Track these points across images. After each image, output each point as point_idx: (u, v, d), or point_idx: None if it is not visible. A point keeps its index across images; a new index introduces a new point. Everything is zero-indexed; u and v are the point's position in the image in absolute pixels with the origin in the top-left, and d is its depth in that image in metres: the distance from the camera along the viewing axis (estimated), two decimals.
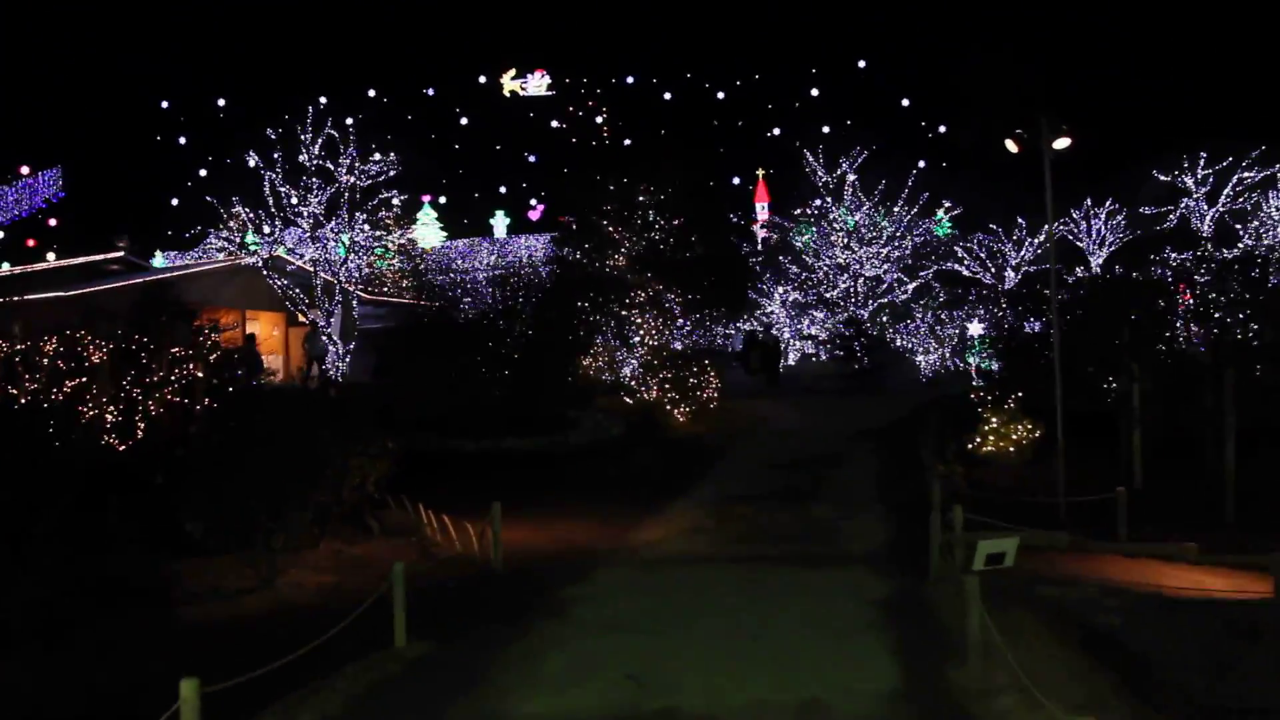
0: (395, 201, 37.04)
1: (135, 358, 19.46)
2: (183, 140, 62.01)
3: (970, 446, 18.38)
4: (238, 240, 35.26)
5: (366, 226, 36.39)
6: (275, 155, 35.81)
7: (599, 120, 51.47)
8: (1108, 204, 47.89)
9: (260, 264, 34.91)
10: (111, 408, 18.84)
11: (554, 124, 52.87)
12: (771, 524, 15.29)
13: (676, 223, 26.59)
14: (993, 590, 9.51)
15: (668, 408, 24.27)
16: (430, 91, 58.63)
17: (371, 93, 57.34)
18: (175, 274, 33.19)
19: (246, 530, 13.23)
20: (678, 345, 28.62)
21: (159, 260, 52.39)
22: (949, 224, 45.41)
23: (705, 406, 25.23)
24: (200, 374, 20.11)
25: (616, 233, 26.92)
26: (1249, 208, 41.69)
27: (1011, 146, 15.00)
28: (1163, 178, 40.24)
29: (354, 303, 36.01)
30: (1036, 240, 45.56)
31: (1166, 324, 20.33)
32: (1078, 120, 14.67)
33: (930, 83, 53.63)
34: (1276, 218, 41.17)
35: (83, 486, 15.41)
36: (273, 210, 35.64)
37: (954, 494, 15.25)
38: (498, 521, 13.26)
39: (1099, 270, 46.17)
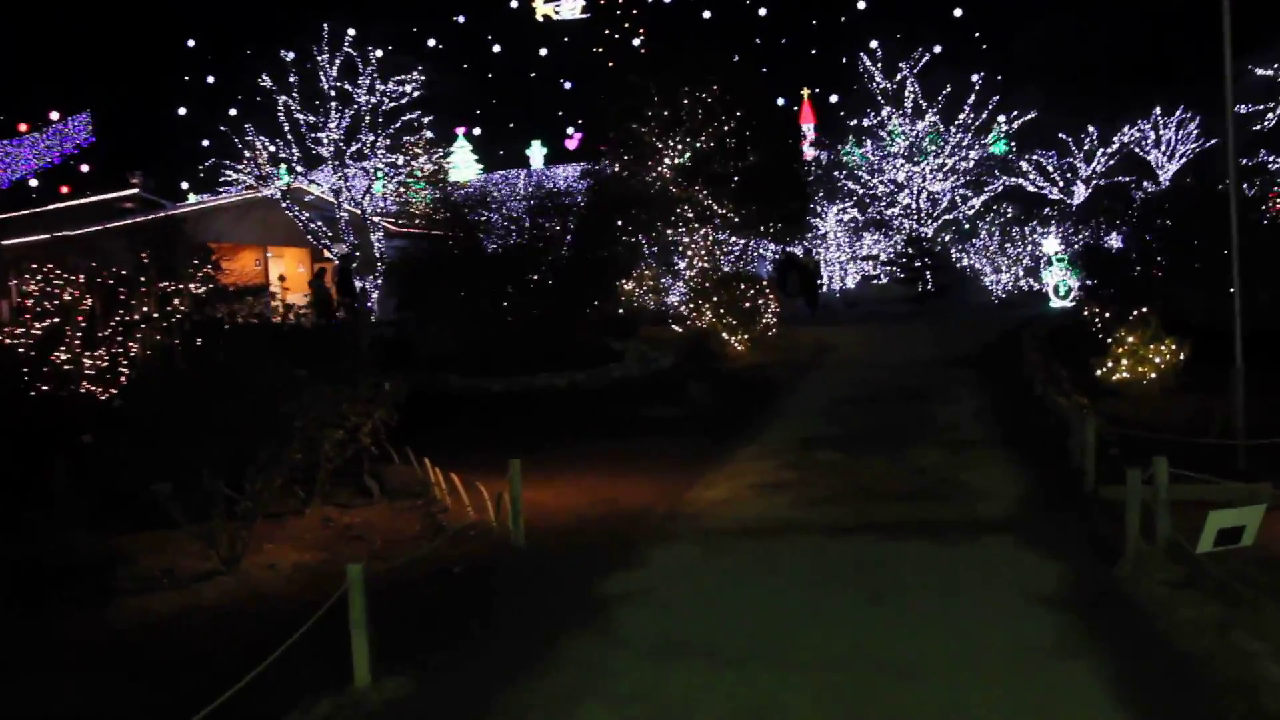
0: (423, 127, 33.33)
1: (116, 295, 16.59)
2: (211, 80, 58.53)
3: (1100, 373, 14.49)
4: (256, 173, 31.77)
5: (390, 153, 32.80)
6: (291, 79, 32.22)
7: (636, 43, 47.08)
8: (1179, 111, 43.01)
9: (278, 196, 31.50)
10: (89, 351, 15.83)
11: (592, 49, 48.63)
12: (870, 476, 11.59)
13: (727, 128, 22.59)
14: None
15: (724, 335, 20.54)
16: (460, 19, 54.49)
17: (406, 27, 53.46)
18: (185, 210, 29.91)
19: (201, 499, 9.88)
20: (726, 268, 24.84)
21: (191, 201, 49.46)
22: (1005, 142, 40.90)
23: (763, 334, 21.49)
24: (185, 309, 17.05)
25: (659, 141, 23.02)
26: None
27: None
28: (1261, 71, 35.13)
29: (379, 235, 32.53)
30: (1109, 150, 40.90)
31: None
32: None
33: None
34: None
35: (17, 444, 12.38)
36: (289, 137, 32.12)
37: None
38: (517, 483, 9.73)
39: (1169, 182, 41.57)
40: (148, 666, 7.34)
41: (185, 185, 50.60)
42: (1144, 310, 14.73)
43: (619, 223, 22.14)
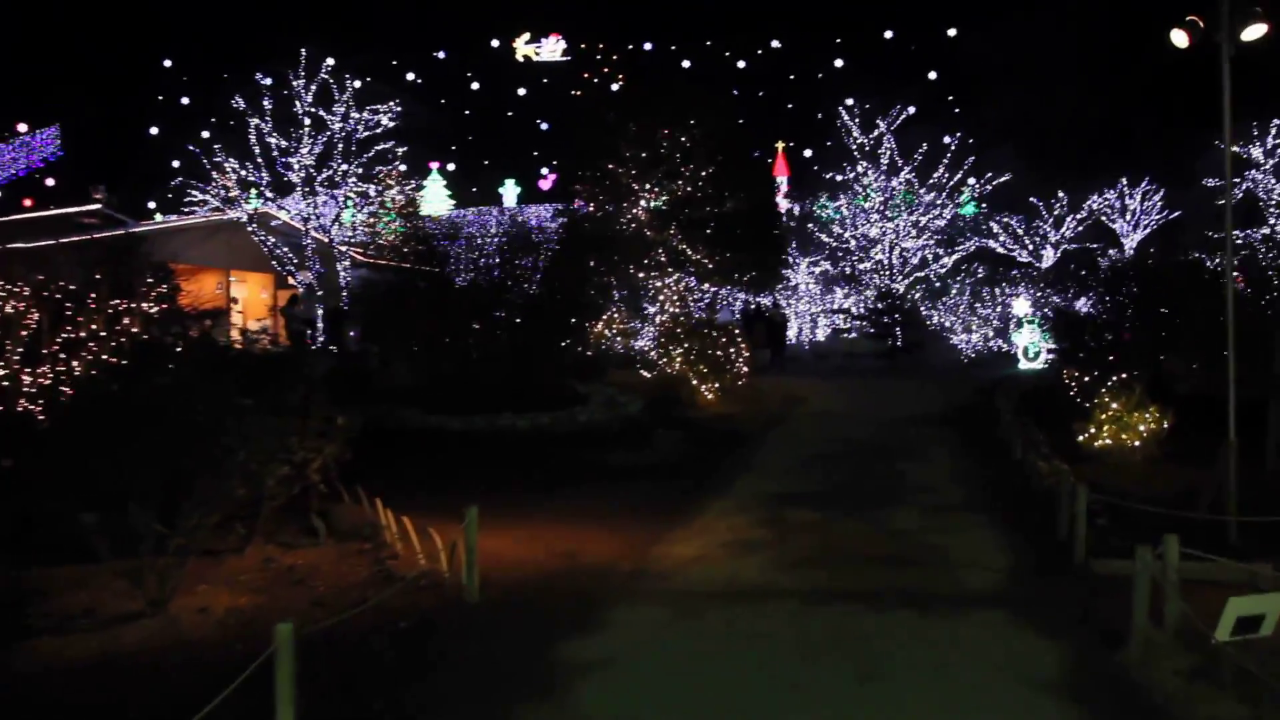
0: (397, 158, 32.64)
1: (63, 310, 15.71)
2: (186, 100, 57.62)
3: (1082, 439, 13.95)
4: (223, 195, 30.87)
5: (361, 182, 32.08)
6: (265, 102, 31.49)
7: (614, 88, 46.84)
8: (1143, 184, 43.39)
9: (245, 219, 30.63)
10: (30, 368, 14.89)
11: (571, 92, 48.23)
12: (846, 538, 10.90)
13: (704, 172, 22.06)
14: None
15: (694, 383, 19.87)
16: (441, 54, 53.98)
17: (382, 59, 52.90)
18: (148, 228, 28.95)
19: (129, 533, 9.01)
20: (698, 316, 24.22)
21: (157, 220, 48.30)
22: (975, 204, 40.91)
23: (733, 383, 20.85)
24: (135, 329, 16.15)
25: (635, 183, 22.46)
26: None
27: (1180, 39, 10.61)
28: (1236, 149, 35.30)
29: (345, 264, 31.70)
30: (1078, 216, 41.05)
31: None
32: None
33: (961, 55, 48.85)
34: None
35: None
36: (259, 160, 31.32)
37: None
38: (473, 532, 8.94)
39: (1133, 251, 41.78)
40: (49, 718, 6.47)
41: (153, 205, 49.53)
42: (1124, 376, 14.26)
43: (591, 263, 21.51)
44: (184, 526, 9.16)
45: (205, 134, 33.49)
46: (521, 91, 55.25)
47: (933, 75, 50.98)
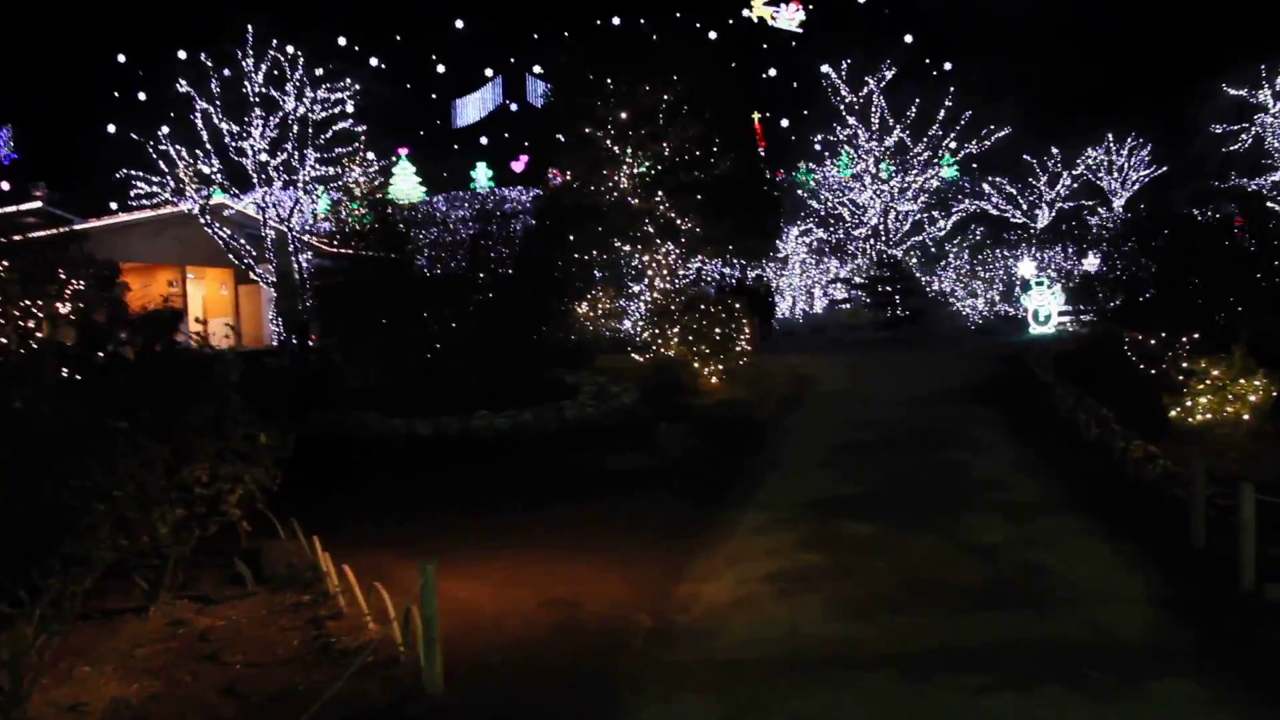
0: (357, 139, 29.64)
1: None
2: (143, 96, 54.37)
3: (1174, 414, 11.28)
4: (172, 186, 27.81)
5: (319, 166, 29.06)
6: (213, 85, 28.38)
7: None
8: (1129, 140, 40.87)
9: (195, 210, 27.59)
10: None
11: (537, 69, 45.04)
12: (920, 560, 8.19)
13: (692, 132, 19.23)
14: None
15: (695, 365, 17.08)
16: (399, 37, 50.72)
17: (342, 41, 49.68)
18: (91, 226, 25.90)
19: None
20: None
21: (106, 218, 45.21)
22: (957, 169, 38.31)
23: (736, 364, 18.13)
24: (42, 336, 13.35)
25: (617, 146, 19.60)
26: None
27: None
28: (1234, 91, 32.69)
29: (305, 255, 28.71)
30: (1073, 173, 38.48)
31: None
32: None
33: (944, 13, 46.04)
34: None
35: None
36: (209, 148, 28.23)
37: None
38: (432, 600, 6.16)
39: (1121, 210, 39.33)
40: None
41: (115, 205, 46.47)
42: (1196, 336, 11.67)
43: (571, 238, 18.71)
44: (46, 596, 6.41)
45: (161, 128, 30.30)
46: (489, 72, 52.16)
47: (909, 39, 48.30)
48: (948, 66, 40.94)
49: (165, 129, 28.29)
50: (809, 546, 8.71)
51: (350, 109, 29.48)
